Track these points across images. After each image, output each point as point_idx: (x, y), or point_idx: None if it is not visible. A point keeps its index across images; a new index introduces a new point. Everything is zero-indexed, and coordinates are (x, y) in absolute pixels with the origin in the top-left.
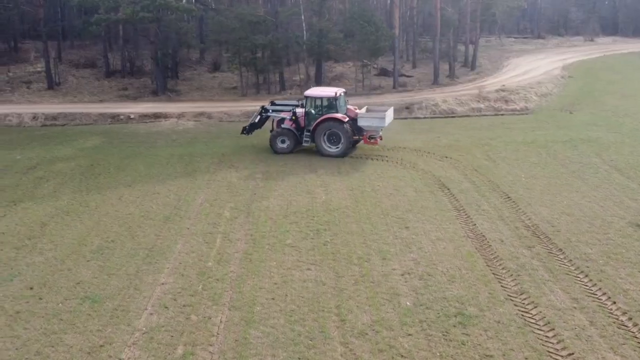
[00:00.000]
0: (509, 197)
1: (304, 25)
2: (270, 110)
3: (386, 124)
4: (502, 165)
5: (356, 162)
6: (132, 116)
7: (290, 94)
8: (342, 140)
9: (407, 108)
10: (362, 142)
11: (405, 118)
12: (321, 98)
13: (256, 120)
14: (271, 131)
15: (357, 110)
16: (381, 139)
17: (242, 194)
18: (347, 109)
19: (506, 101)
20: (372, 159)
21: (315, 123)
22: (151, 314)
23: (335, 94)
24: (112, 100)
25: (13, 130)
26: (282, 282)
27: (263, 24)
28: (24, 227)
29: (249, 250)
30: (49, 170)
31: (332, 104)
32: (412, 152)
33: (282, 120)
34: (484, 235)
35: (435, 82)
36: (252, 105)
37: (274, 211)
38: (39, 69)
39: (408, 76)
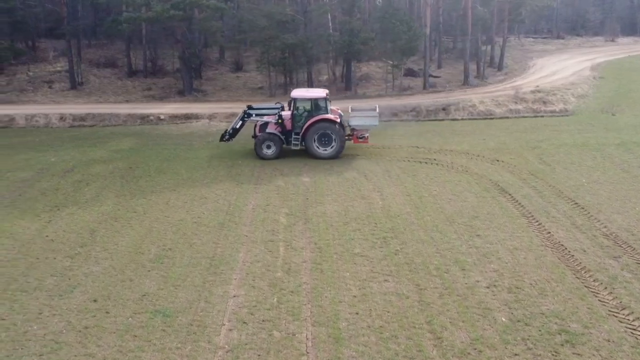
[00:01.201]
0: (576, 204)
1: (330, 24)
2: (254, 115)
3: (377, 123)
4: (558, 169)
5: (406, 166)
6: (162, 117)
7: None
8: (334, 141)
9: (443, 109)
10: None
11: (443, 119)
12: (310, 99)
13: (237, 126)
14: (253, 136)
15: (340, 111)
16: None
17: (294, 198)
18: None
19: (544, 102)
20: (420, 162)
21: (307, 125)
22: (230, 329)
23: (326, 94)
24: (138, 100)
25: (41, 131)
26: (362, 295)
27: (292, 23)
28: (72, 234)
29: (317, 260)
30: (86, 173)
31: (320, 105)
32: (460, 155)
33: (266, 124)
34: (562, 245)
35: (466, 83)
36: None
37: (333, 217)
38: (58, 69)
39: (435, 76)
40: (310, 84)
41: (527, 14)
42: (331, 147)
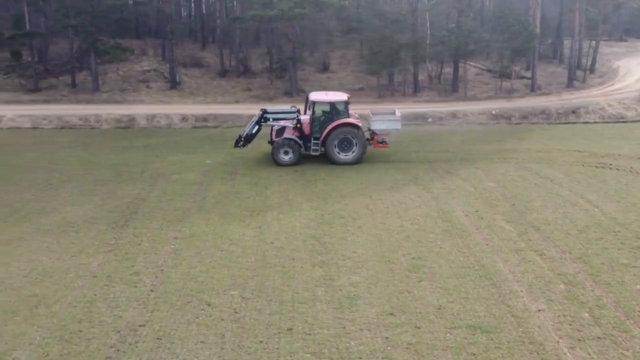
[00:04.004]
0: None
1: (428, 24)
2: (271, 119)
3: (400, 127)
4: None
5: (585, 170)
6: None
7: (429, 95)
8: (355, 146)
9: (573, 112)
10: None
11: (575, 122)
12: (331, 103)
13: (254, 131)
14: (269, 142)
15: (357, 115)
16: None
17: (498, 204)
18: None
19: None
20: (597, 166)
21: (329, 129)
22: (571, 347)
23: (348, 98)
24: (247, 100)
25: (166, 131)
26: None
27: (403, 22)
28: (296, 241)
29: (589, 270)
30: (255, 175)
31: (340, 109)
32: (633, 160)
33: (283, 129)
34: None
35: (570, 85)
36: (401, 108)
37: (560, 225)
38: (146, 68)
39: (528, 78)
40: (415, 85)
41: (617, 15)
42: (352, 152)
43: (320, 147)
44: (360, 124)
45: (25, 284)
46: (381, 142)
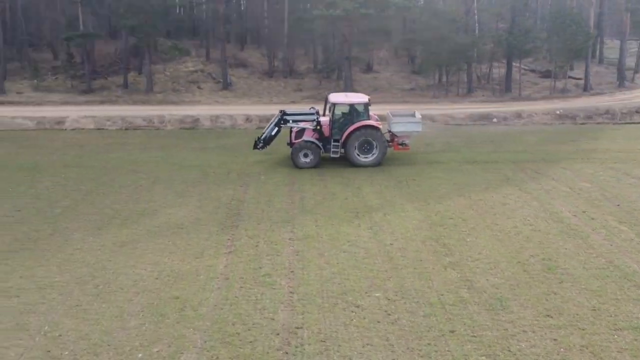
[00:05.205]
0: None
1: (477, 24)
2: (290, 120)
3: (421, 129)
4: None
5: None
6: None
7: (484, 95)
8: (376, 148)
9: (637, 112)
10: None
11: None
12: (351, 105)
13: (273, 133)
14: (289, 144)
15: (376, 116)
16: None
17: (602, 206)
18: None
19: None
20: None
21: (349, 131)
22: None
23: (369, 99)
24: (302, 101)
25: (232, 132)
26: None
27: (459, 22)
28: (414, 242)
29: None
30: (343, 176)
31: (360, 110)
32: None
33: (302, 131)
34: None
35: (622, 85)
36: (461, 108)
37: None
38: (191, 68)
39: (577, 78)
40: (469, 86)
41: None
42: (372, 155)
43: (340, 149)
44: (380, 126)
45: (161, 286)
46: (401, 144)
